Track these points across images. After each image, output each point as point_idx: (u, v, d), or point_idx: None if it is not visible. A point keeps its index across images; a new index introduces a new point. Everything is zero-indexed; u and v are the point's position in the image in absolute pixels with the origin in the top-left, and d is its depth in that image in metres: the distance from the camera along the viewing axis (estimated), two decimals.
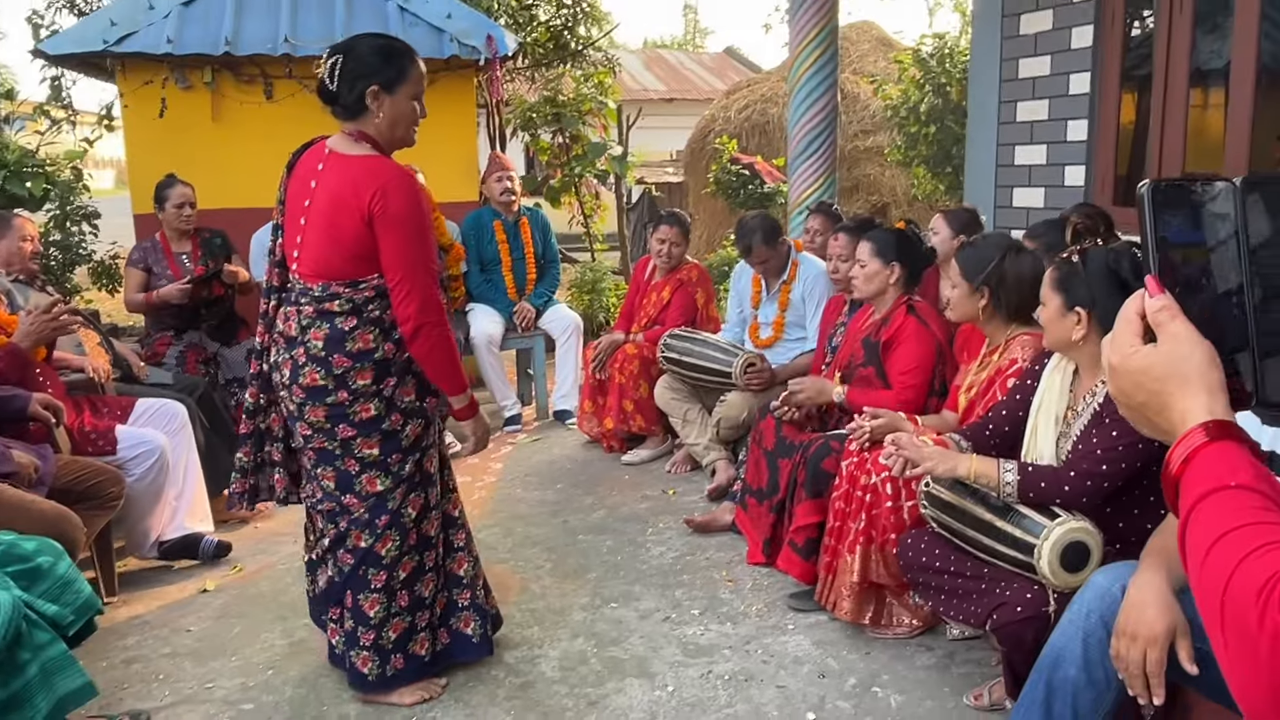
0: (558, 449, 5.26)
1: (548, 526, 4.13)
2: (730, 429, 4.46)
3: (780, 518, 3.57)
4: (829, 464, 3.25)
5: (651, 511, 4.26)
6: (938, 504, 2.60)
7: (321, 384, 2.54)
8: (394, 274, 2.48)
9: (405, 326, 2.51)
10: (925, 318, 3.35)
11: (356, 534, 2.67)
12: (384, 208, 2.42)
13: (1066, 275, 2.45)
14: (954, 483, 2.56)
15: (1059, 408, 2.52)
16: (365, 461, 2.61)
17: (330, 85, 2.47)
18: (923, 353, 3.30)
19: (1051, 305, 2.46)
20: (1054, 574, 2.26)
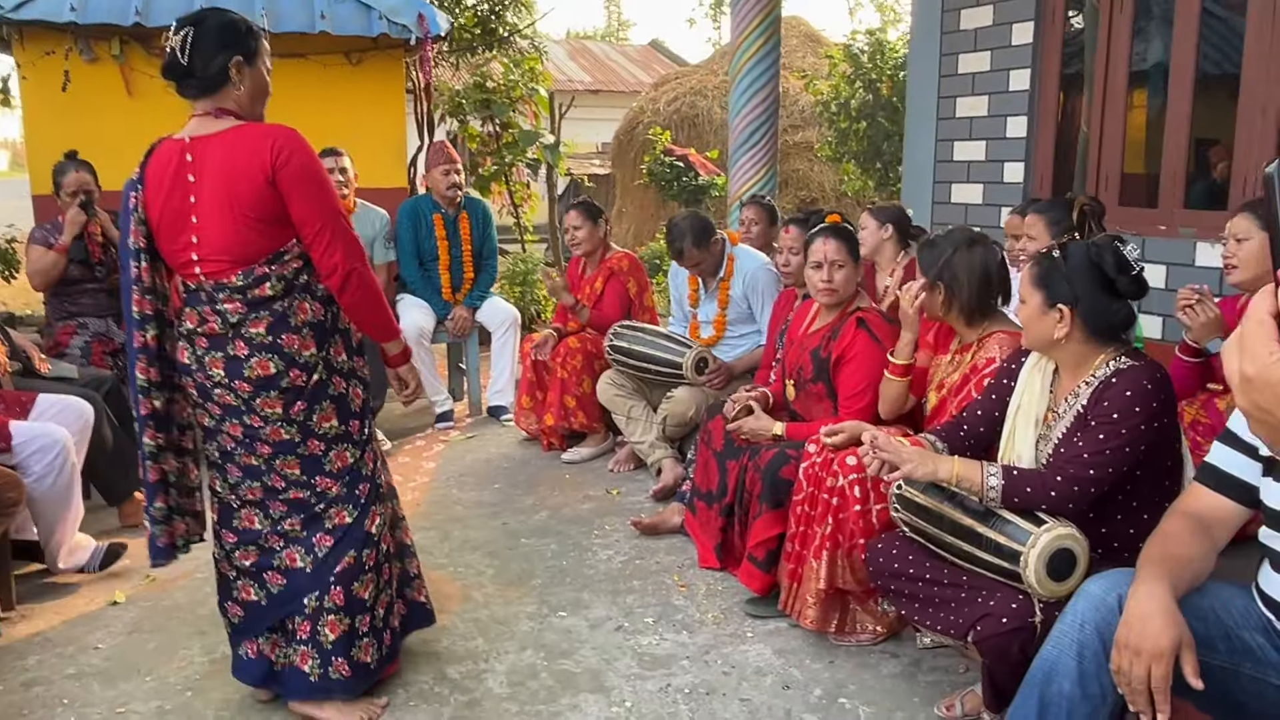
0: (494, 447, 5.07)
1: (487, 529, 3.94)
2: (677, 426, 4.33)
3: (730, 521, 3.44)
4: (787, 472, 3.11)
5: (596, 513, 4.10)
6: (911, 508, 2.48)
7: (275, 371, 2.44)
8: (311, 225, 2.39)
9: (333, 278, 2.43)
10: (876, 332, 3.22)
11: (336, 512, 2.58)
12: (287, 163, 2.34)
13: (1047, 271, 2.34)
14: (929, 485, 2.44)
15: (1039, 409, 2.41)
16: (329, 437, 2.54)
17: (182, 59, 2.35)
18: (873, 371, 3.18)
19: (1031, 302, 2.35)
20: (1040, 583, 2.16)
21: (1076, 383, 2.34)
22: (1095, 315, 2.28)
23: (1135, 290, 2.28)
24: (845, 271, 3.26)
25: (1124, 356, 2.29)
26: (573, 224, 4.89)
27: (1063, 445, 2.31)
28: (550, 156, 7.79)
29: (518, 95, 7.78)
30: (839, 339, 3.25)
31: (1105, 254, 2.29)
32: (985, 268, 2.79)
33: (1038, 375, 2.46)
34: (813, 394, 3.34)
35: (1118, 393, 2.21)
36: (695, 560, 3.56)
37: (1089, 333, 2.29)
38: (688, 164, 7.83)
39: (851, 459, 2.87)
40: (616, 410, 4.50)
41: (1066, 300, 2.29)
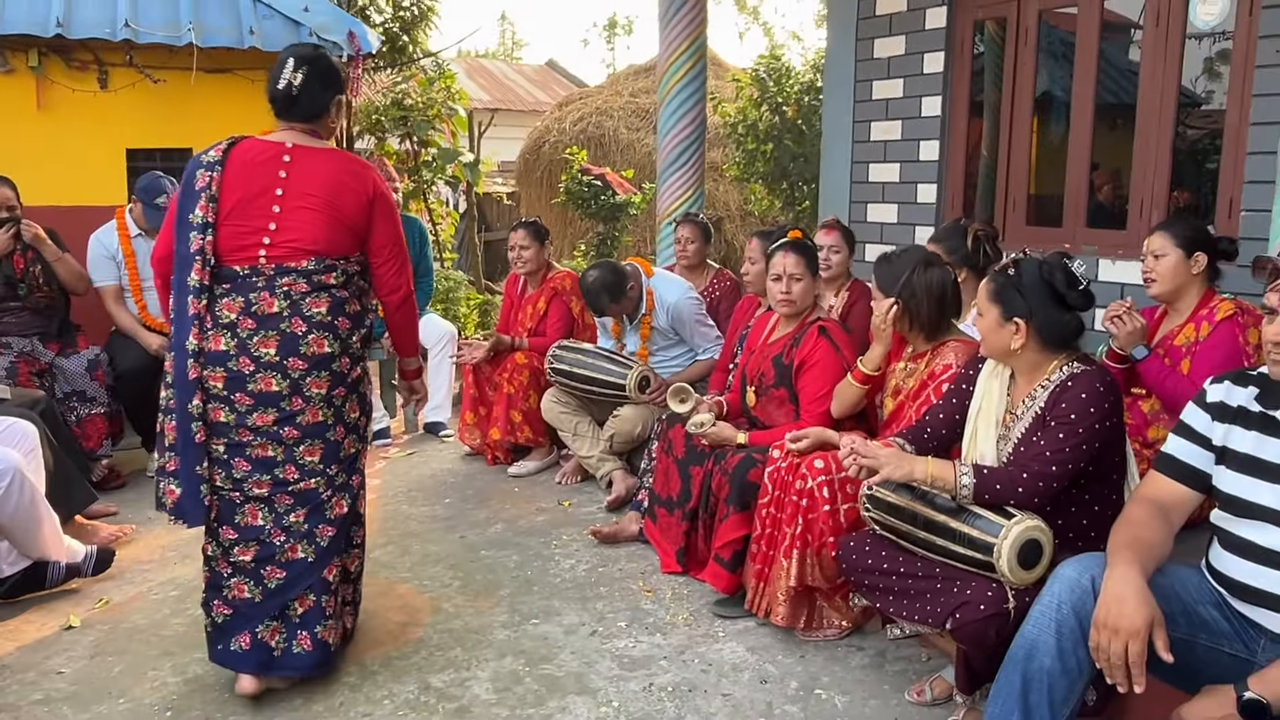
0: (436, 463, 5.06)
1: (445, 543, 3.94)
2: (624, 442, 4.40)
3: (694, 525, 3.54)
4: (755, 475, 3.23)
5: (551, 524, 4.14)
6: (882, 507, 2.63)
7: (329, 351, 2.68)
8: (387, 250, 2.81)
9: (395, 295, 2.85)
10: (836, 340, 3.38)
11: (337, 500, 2.76)
12: (383, 196, 2.78)
13: (1003, 287, 2.53)
14: (900, 486, 2.59)
15: (998, 411, 2.59)
16: (349, 425, 2.77)
17: (294, 92, 2.71)
18: (834, 377, 3.33)
19: (989, 316, 2.53)
20: (1013, 572, 2.32)
21: (1032, 386, 2.53)
22: (1048, 327, 2.48)
23: (1083, 303, 2.49)
24: (803, 284, 3.42)
25: (1076, 362, 2.49)
26: (520, 243, 4.92)
27: (1023, 444, 2.50)
28: (470, 174, 7.77)
29: (435, 114, 7.75)
30: (801, 346, 3.40)
31: (1055, 271, 2.49)
32: (942, 287, 2.98)
33: (995, 380, 2.64)
34: (774, 399, 3.48)
35: (1074, 395, 2.41)
36: (658, 566, 3.65)
37: (1043, 343, 2.49)
38: (605, 183, 7.92)
39: (819, 462, 3.01)
40: (562, 427, 4.55)
41: (1021, 314, 2.48)
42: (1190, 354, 3.04)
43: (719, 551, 3.30)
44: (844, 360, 3.35)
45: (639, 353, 4.64)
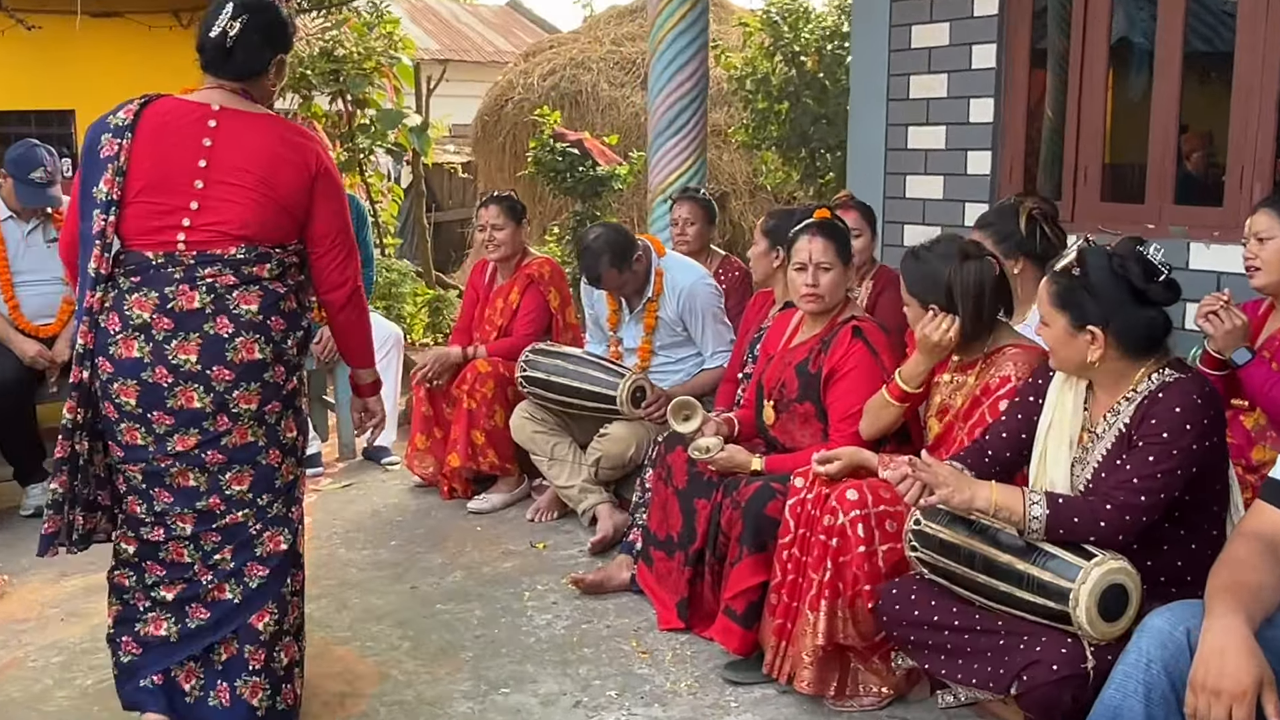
0: (379, 496, 5.08)
1: (393, 595, 3.96)
2: (612, 468, 4.43)
3: (699, 571, 3.56)
4: (774, 509, 3.25)
5: (522, 570, 4.16)
6: (932, 545, 2.66)
7: (260, 357, 2.70)
8: (331, 237, 2.83)
9: (340, 291, 2.87)
10: (874, 343, 3.40)
11: (272, 536, 2.80)
12: (326, 173, 2.79)
13: (1068, 289, 2.55)
14: (953, 519, 2.62)
15: (1073, 429, 2.63)
16: (285, 447, 2.81)
17: (226, 44, 2.72)
18: (871, 389, 3.34)
19: (1056, 326, 2.57)
20: (1092, 624, 2.35)
21: (1116, 399, 2.57)
22: (1129, 331, 2.51)
23: (1168, 296, 2.52)
24: (833, 275, 3.44)
25: (1167, 369, 2.52)
26: (491, 222, 4.94)
27: (1104, 469, 2.53)
28: (417, 141, 7.79)
29: (372, 67, 7.76)
30: (831, 351, 3.43)
31: (1129, 262, 2.52)
32: (981, 284, 3.01)
33: (1069, 392, 2.67)
34: (797, 415, 3.50)
35: (1165, 409, 2.44)
36: (654, 622, 3.67)
37: (1125, 350, 2.53)
38: (583, 151, 7.94)
39: (853, 493, 3.03)
40: (536, 450, 4.56)
41: (1096, 320, 2.51)
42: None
43: (730, 603, 3.32)
44: (883, 368, 3.37)
45: (639, 349, 4.66)
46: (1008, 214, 3.63)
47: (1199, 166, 4.98)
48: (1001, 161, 5.26)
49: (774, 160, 9.04)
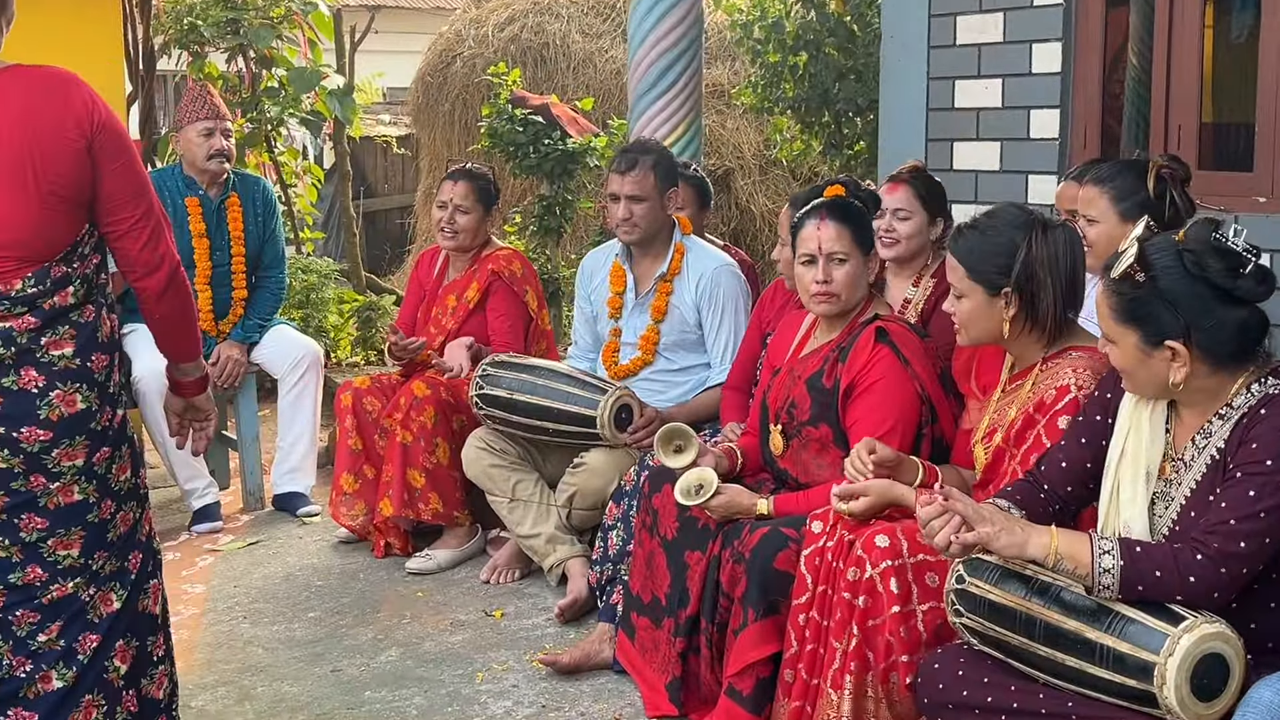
0: (294, 556, 5.08)
1: (309, 681, 3.95)
2: (589, 509, 4.43)
3: (693, 642, 3.56)
4: (785, 561, 3.25)
5: (474, 646, 4.16)
6: (981, 609, 2.64)
7: (84, 408, 2.69)
8: (132, 210, 2.73)
9: (154, 278, 2.78)
10: (903, 349, 3.41)
11: (102, 595, 2.77)
12: (105, 125, 2.66)
13: (1135, 300, 2.53)
14: (1004, 574, 2.61)
15: (1151, 459, 2.62)
16: (122, 494, 2.81)
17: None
18: (901, 405, 3.35)
19: (1125, 343, 2.55)
20: (1184, 705, 2.33)
21: (1206, 417, 2.56)
22: (1218, 340, 2.50)
23: (1261, 289, 2.50)
24: (850, 268, 3.46)
25: (1269, 377, 2.52)
26: (457, 202, 5.00)
27: (1194, 507, 2.52)
28: (340, 109, 7.79)
29: (280, 15, 7.77)
30: (850, 360, 3.44)
31: (1206, 258, 2.48)
32: (1074, 258, 3.03)
33: (1146, 410, 2.67)
34: (811, 442, 3.52)
35: (1269, 429, 2.43)
36: (640, 708, 3.67)
37: (1215, 363, 2.52)
38: (550, 119, 7.94)
39: (883, 539, 3.04)
40: (494, 489, 4.57)
41: (1174, 333, 2.49)
42: None
43: (734, 681, 3.31)
44: (915, 379, 3.39)
45: (642, 340, 4.68)
46: (1132, 171, 3.65)
47: None
48: (1074, 122, 5.28)
49: (790, 127, 9.05)
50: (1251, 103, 4.72)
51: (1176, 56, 4.93)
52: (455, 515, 4.83)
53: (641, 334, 4.69)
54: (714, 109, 10.78)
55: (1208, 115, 4.99)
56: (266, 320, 5.57)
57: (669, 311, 4.64)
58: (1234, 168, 4.82)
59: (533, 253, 8.16)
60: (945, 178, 5.67)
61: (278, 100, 7.76)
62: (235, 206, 5.50)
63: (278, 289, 5.70)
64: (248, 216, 5.53)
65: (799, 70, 8.48)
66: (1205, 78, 4.97)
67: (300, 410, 5.51)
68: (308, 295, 7.32)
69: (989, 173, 5.54)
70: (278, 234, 5.68)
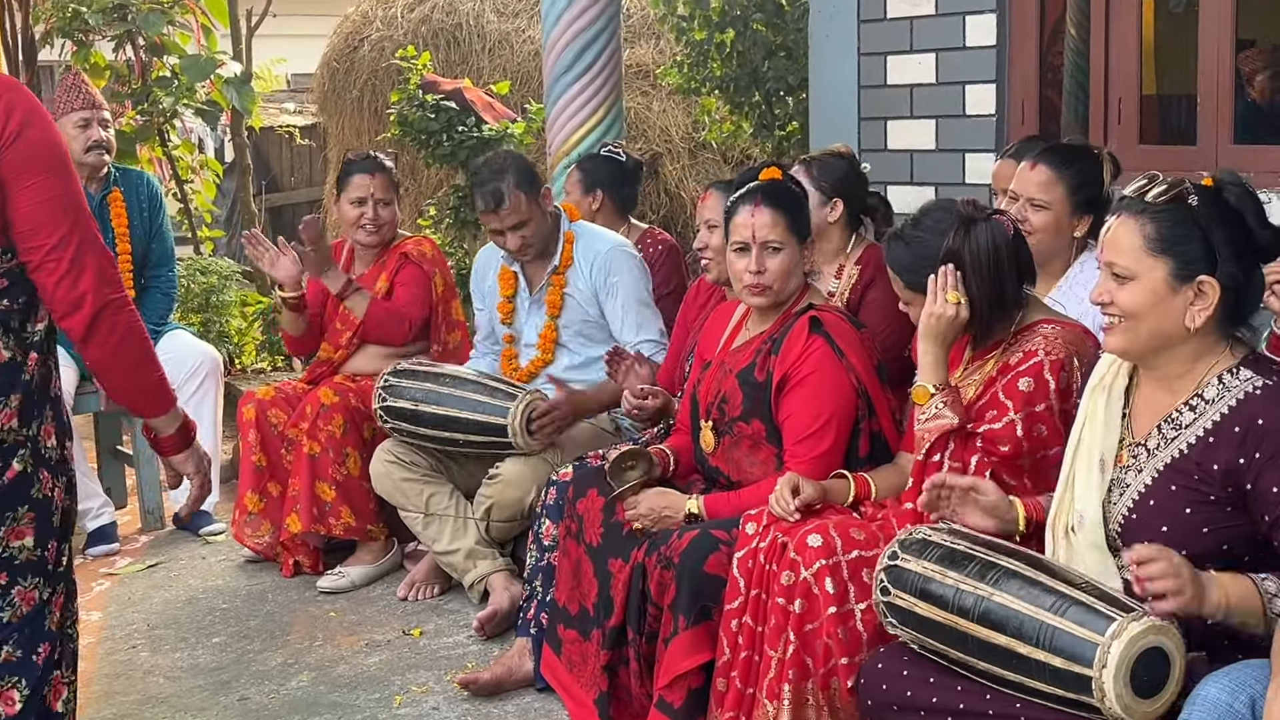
0: (197, 578, 5.04)
1: (214, 711, 3.93)
2: (508, 520, 4.43)
3: (621, 654, 3.56)
4: (716, 565, 3.26)
5: (391, 667, 4.15)
6: (911, 623, 2.67)
7: None
8: (48, 234, 2.56)
9: (78, 316, 2.59)
10: (838, 340, 3.43)
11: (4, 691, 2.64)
12: (21, 130, 2.53)
13: (1177, 225, 2.53)
14: (924, 581, 2.63)
15: (1105, 446, 2.67)
16: (17, 565, 2.65)
17: None
18: (836, 400, 3.38)
19: (1152, 277, 2.53)
20: (1129, 710, 2.34)
21: (1171, 402, 2.60)
22: (1238, 289, 2.54)
23: (1275, 248, 2.58)
24: (784, 258, 3.48)
25: (1242, 367, 2.55)
26: (378, 195, 4.99)
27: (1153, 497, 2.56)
28: (238, 98, 7.73)
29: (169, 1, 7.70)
30: (783, 352, 3.45)
31: (1245, 197, 2.55)
32: (995, 250, 3.05)
33: (1102, 398, 2.71)
34: (744, 439, 3.53)
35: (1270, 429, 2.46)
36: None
37: (1224, 318, 2.55)
38: (463, 104, 7.91)
39: (815, 537, 3.07)
40: (406, 504, 4.56)
41: (1207, 268, 2.51)
42: None
43: (664, 694, 3.32)
44: (850, 371, 3.41)
45: (540, 340, 4.70)
46: (1085, 159, 3.71)
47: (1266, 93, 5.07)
48: (1011, 97, 5.32)
49: (719, 108, 9.06)
50: (1193, 73, 4.78)
51: (1115, 28, 4.98)
52: (369, 529, 4.82)
53: (540, 332, 4.72)
54: (638, 90, 10.76)
55: (1149, 88, 5.05)
56: (160, 324, 5.52)
57: (565, 304, 4.68)
58: (1177, 141, 4.88)
59: (449, 247, 8.13)
60: (880, 158, 5.72)
61: (170, 90, 7.67)
62: (118, 202, 5.45)
63: (169, 288, 5.66)
64: (132, 212, 5.48)
65: (726, 48, 8.47)
66: (1146, 49, 5.02)
67: (200, 421, 5.26)
68: (208, 298, 7.27)
69: (925, 152, 5.57)
70: (165, 230, 5.63)
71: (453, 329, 5.10)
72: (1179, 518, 2.54)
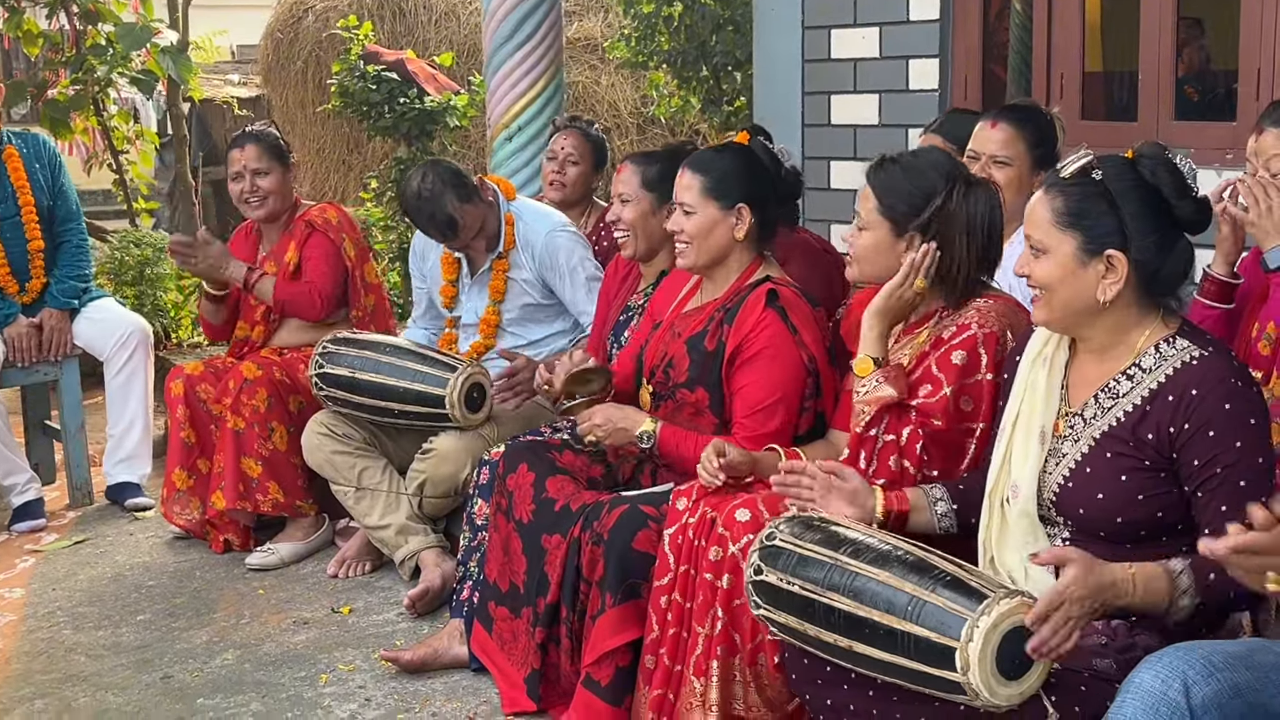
0: (124, 555, 4.99)
1: (136, 690, 3.89)
2: (441, 497, 4.41)
3: (554, 632, 3.54)
4: (644, 542, 3.26)
5: (319, 645, 4.12)
6: (782, 603, 2.61)
7: None
8: None
9: None
10: (792, 315, 3.41)
11: None
12: None
13: (1084, 200, 2.55)
14: (800, 560, 2.59)
15: (1045, 417, 2.67)
16: None
17: None
18: (786, 379, 3.37)
19: (1062, 251, 2.56)
20: (987, 683, 2.31)
21: (1110, 374, 2.60)
22: (1154, 261, 2.54)
23: (1199, 219, 2.59)
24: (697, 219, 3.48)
25: (1177, 338, 2.56)
26: (252, 166, 4.93)
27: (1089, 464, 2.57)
28: (173, 67, 7.63)
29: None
30: (737, 322, 3.44)
31: (1159, 169, 2.55)
32: (990, 221, 3.04)
33: (1043, 369, 2.72)
34: (685, 406, 3.54)
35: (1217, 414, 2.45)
36: (497, 705, 3.66)
37: (1143, 290, 2.56)
38: (405, 76, 7.86)
39: (743, 512, 3.07)
40: (338, 478, 4.53)
41: (1116, 242, 2.53)
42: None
43: (591, 671, 3.32)
44: (802, 348, 3.40)
45: (481, 324, 4.69)
46: (1042, 116, 3.75)
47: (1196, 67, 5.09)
48: (953, 72, 5.32)
49: (667, 82, 9.04)
50: (1134, 49, 4.79)
51: (1059, 4, 4.99)
52: (298, 505, 4.78)
53: (481, 315, 4.72)
54: (587, 64, 10.74)
55: (1093, 64, 5.06)
56: (83, 282, 5.51)
57: (508, 288, 4.68)
58: (1118, 117, 4.90)
59: (391, 220, 8.09)
60: (822, 133, 5.73)
61: (105, 59, 7.56)
62: (14, 157, 5.41)
63: (80, 240, 5.59)
64: (30, 168, 5.44)
65: (674, 21, 8.45)
66: (1090, 26, 5.03)
67: (131, 393, 5.43)
68: (142, 271, 7.17)
69: (868, 127, 5.57)
70: (67, 189, 5.58)
71: (370, 292, 5.03)
72: (1114, 485, 2.56)
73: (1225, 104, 4.72)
